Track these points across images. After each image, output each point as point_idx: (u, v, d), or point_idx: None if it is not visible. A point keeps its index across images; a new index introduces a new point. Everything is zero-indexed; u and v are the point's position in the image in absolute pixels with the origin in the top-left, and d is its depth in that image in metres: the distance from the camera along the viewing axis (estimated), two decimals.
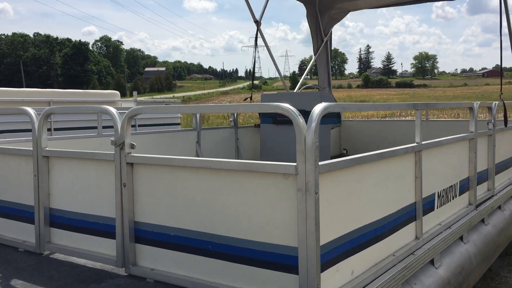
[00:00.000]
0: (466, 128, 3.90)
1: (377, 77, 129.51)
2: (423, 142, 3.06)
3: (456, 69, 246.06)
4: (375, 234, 2.52)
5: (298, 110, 2.19)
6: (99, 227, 2.82)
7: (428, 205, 3.20)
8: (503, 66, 5.91)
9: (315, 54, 7.80)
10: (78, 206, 2.92)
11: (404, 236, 2.86)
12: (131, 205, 2.64)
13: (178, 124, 10.41)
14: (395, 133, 7.77)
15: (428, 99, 54.96)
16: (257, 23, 6.67)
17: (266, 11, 6.75)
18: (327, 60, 8.05)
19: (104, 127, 5.83)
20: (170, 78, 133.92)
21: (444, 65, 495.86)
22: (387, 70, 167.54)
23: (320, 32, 7.80)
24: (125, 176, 2.62)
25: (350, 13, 8.06)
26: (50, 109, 3.13)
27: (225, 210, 2.31)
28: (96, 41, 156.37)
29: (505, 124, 4.98)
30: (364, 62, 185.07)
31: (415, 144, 2.99)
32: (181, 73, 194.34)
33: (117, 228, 2.68)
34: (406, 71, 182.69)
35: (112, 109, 2.75)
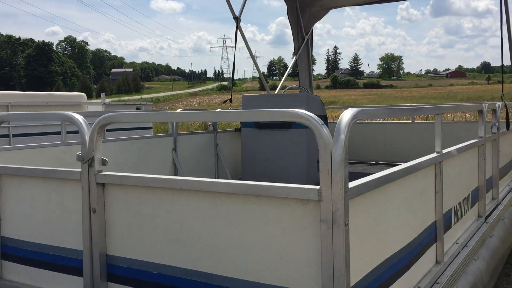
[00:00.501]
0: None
1: (345, 77, 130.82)
2: (444, 151, 2.66)
3: (421, 70, 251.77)
4: (401, 264, 2.10)
5: None
6: (63, 262, 2.30)
7: (446, 223, 2.82)
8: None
9: (296, 54, 7.39)
10: (36, 235, 2.40)
11: (426, 261, 2.46)
12: (103, 235, 2.14)
13: (150, 128, 9.81)
14: (372, 133, 7.47)
15: (396, 100, 55.60)
16: (237, 19, 6.22)
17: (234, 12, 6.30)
18: (308, 60, 7.66)
19: (69, 132, 5.24)
20: (137, 79, 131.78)
21: (409, 66, 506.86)
22: (355, 71, 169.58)
23: (301, 31, 7.40)
24: (95, 199, 2.12)
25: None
26: (2, 116, 2.59)
27: (223, 245, 1.84)
28: (61, 41, 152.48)
29: (507, 127, 4.67)
30: (332, 63, 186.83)
31: (436, 154, 2.59)
32: (149, 74, 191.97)
33: (84, 264, 2.17)
34: (373, 72, 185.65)
35: (78, 117, 2.24)
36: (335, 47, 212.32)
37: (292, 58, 7.74)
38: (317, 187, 1.59)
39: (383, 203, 1.95)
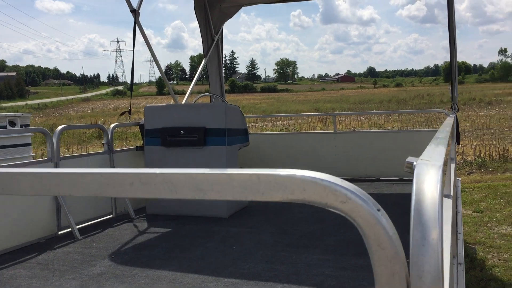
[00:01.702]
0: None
1: (243, 82, 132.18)
2: None
3: (313, 74, 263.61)
4: None
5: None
6: None
7: None
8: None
9: (205, 56, 6.43)
10: None
11: None
12: None
13: (29, 144, 8.16)
14: (292, 146, 6.77)
15: (293, 103, 56.84)
16: (135, 12, 5.12)
17: (127, 16, 5.24)
18: (219, 63, 6.74)
19: None
20: (22, 84, 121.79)
21: (303, 71, 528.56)
22: (252, 75, 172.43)
23: (210, 30, 6.45)
24: None
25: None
26: None
27: None
28: None
29: (458, 142, 4.12)
30: (230, 68, 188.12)
31: None
32: (35, 78, 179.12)
33: None
34: (269, 76, 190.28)
35: None
36: (232, 51, 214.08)
37: (190, 62, 6.77)
38: None
39: None
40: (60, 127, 4.14)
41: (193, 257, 3.39)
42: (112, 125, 4.79)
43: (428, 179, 0.75)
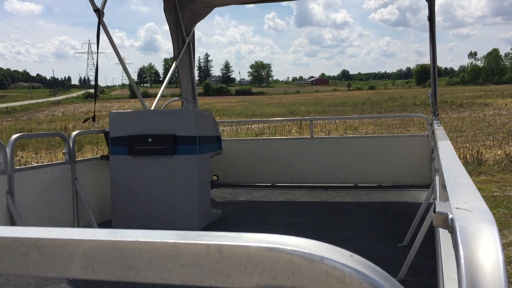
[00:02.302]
0: None
1: (217, 85, 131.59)
2: None
3: (288, 77, 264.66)
4: None
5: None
6: None
7: None
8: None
9: (176, 59, 6.12)
10: None
11: None
12: None
13: None
14: (268, 152, 6.54)
15: (268, 106, 56.72)
16: (98, 12, 4.80)
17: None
18: (191, 66, 6.44)
19: None
20: None
21: (277, 73, 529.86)
22: (226, 78, 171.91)
23: (181, 31, 6.16)
24: None
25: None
26: None
27: None
28: None
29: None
30: (204, 70, 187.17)
31: None
32: (3, 81, 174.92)
33: None
34: (244, 79, 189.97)
35: None
36: (207, 54, 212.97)
37: (163, 65, 6.47)
38: None
39: None
40: (14, 136, 3.78)
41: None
42: (73, 133, 4.44)
43: (484, 242, 0.49)
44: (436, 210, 0.69)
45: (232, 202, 5.71)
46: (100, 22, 4.87)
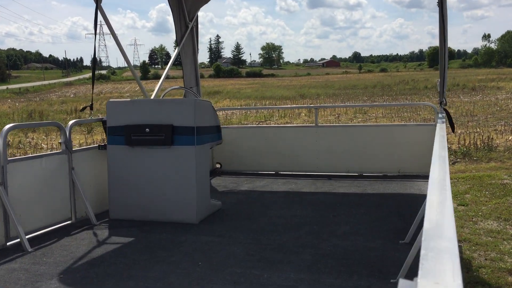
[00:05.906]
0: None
1: (228, 66, 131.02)
2: None
3: (299, 59, 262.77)
4: None
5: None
6: None
7: None
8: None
9: (178, 44, 6.01)
10: None
11: None
12: None
13: None
14: (272, 140, 6.44)
15: (278, 89, 56.41)
16: None
17: None
18: (194, 52, 6.33)
19: None
20: (3, 68, 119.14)
21: (289, 55, 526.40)
22: (237, 60, 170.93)
23: (184, 16, 6.04)
24: None
25: None
26: None
27: None
28: None
29: (453, 130, 3.92)
30: (215, 52, 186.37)
31: None
32: (16, 62, 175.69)
33: None
34: (255, 61, 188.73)
35: None
36: (218, 36, 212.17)
37: (174, 46, 6.37)
38: None
39: None
40: (6, 127, 3.72)
41: (152, 276, 3.04)
42: (70, 123, 4.37)
43: None
44: None
45: (234, 192, 5.64)
46: (98, 8, 4.75)
